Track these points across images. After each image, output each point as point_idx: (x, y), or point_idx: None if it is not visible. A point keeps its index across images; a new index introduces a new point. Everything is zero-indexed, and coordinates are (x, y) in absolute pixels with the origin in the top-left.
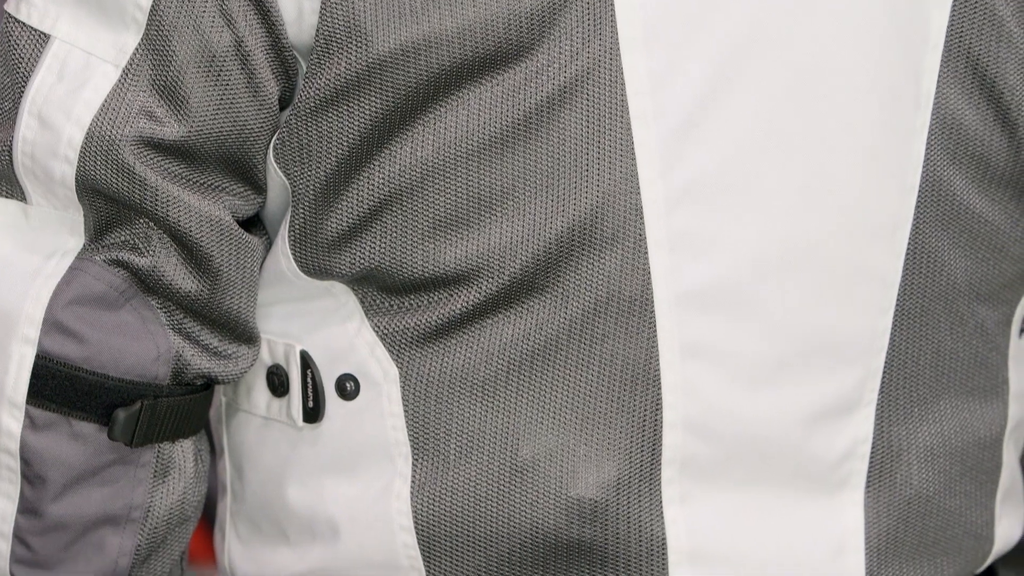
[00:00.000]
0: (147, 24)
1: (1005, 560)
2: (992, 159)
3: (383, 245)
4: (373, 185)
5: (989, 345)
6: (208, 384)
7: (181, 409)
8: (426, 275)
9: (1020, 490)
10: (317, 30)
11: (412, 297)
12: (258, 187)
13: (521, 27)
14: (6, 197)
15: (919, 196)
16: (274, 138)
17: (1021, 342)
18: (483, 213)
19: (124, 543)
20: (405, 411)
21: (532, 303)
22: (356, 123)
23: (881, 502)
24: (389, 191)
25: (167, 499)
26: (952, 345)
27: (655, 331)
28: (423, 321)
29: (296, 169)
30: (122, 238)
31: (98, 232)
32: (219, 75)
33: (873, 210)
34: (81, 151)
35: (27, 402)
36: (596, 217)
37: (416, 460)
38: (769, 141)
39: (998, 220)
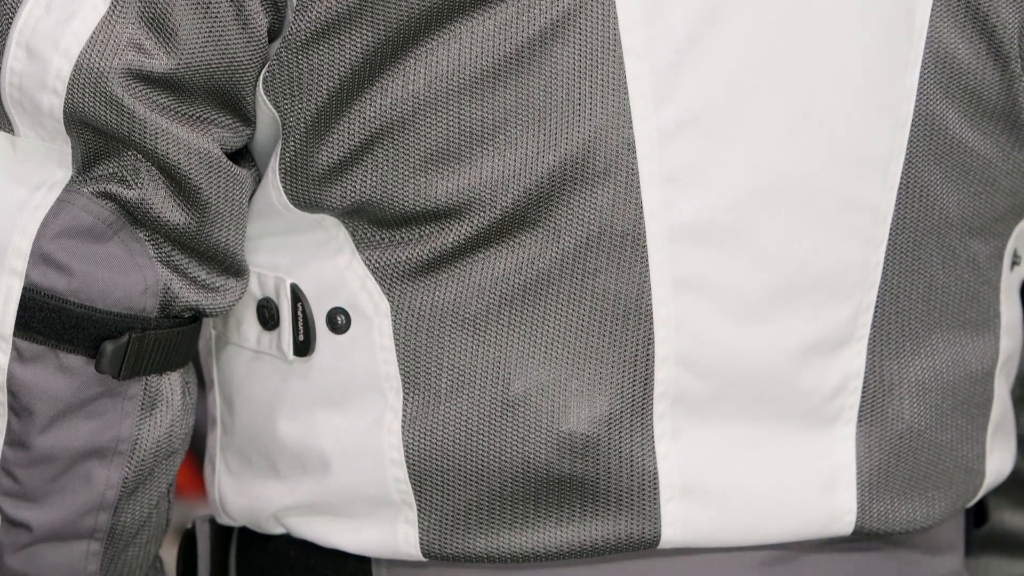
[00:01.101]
0: None
1: (996, 493)
2: (984, 93)
3: (374, 178)
4: (364, 118)
5: (981, 279)
6: (196, 317)
7: (169, 342)
8: (417, 209)
9: (1011, 423)
10: None
11: (403, 231)
12: (247, 119)
13: None
14: None
15: (912, 129)
16: (264, 71)
17: (1012, 276)
18: (475, 147)
19: (111, 476)
20: (396, 345)
21: (524, 237)
22: (347, 56)
23: (873, 437)
24: (380, 124)
25: (154, 432)
26: (944, 279)
27: (647, 266)
28: (414, 255)
29: (286, 102)
30: (110, 170)
31: (86, 164)
32: (208, 7)
33: (865, 143)
34: (69, 83)
35: (14, 334)
36: (588, 151)
37: (407, 394)
38: (761, 74)
39: (990, 154)
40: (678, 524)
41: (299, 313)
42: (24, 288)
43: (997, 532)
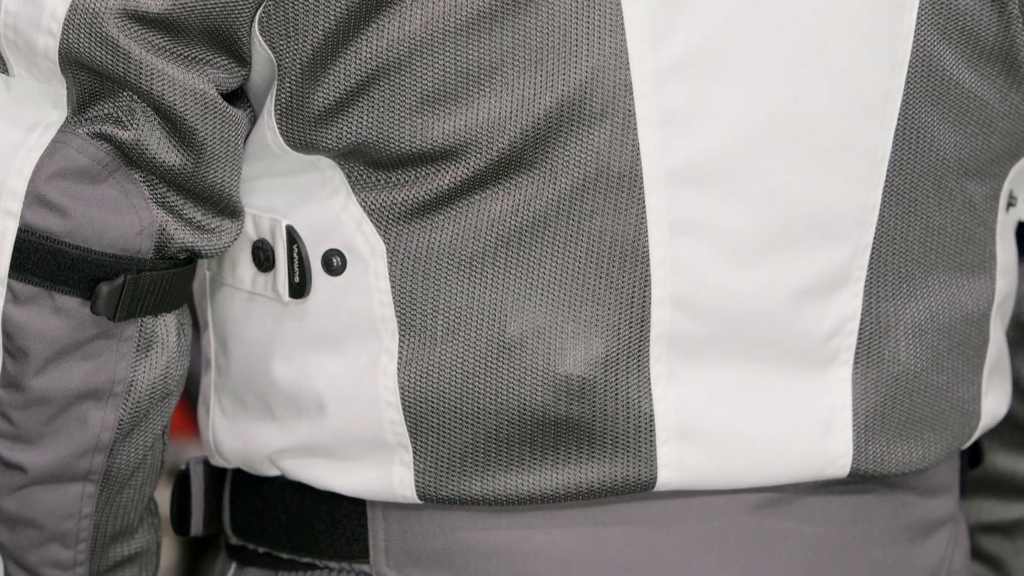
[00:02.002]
0: None
1: (990, 435)
2: (981, 34)
3: (370, 120)
4: (360, 59)
5: (977, 220)
6: (191, 258)
7: (164, 283)
8: (413, 150)
9: (1006, 365)
10: None
11: (399, 172)
12: (242, 60)
13: None
14: None
15: (909, 70)
16: (259, 11)
17: (1008, 217)
18: (471, 88)
19: (106, 417)
20: (392, 287)
21: (520, 179)
22: None
23: (869, 379)
24: (376, 65)
25: (150, 373)
26: (940, 221)
27: (644, 207)
28: (410, 196)
29: (282, 43)
30: (105, 111)
31: (81, 105)
32: None
33: (863, 84)
34: (64, 23)
35: (9, 276)
36: (585, 93)
37: (403, 336)
38: (759, 15)
39: (987, 95)
40: (674, 466)
41: (295, 255)
42: (19, 229)
43: (991, 474)
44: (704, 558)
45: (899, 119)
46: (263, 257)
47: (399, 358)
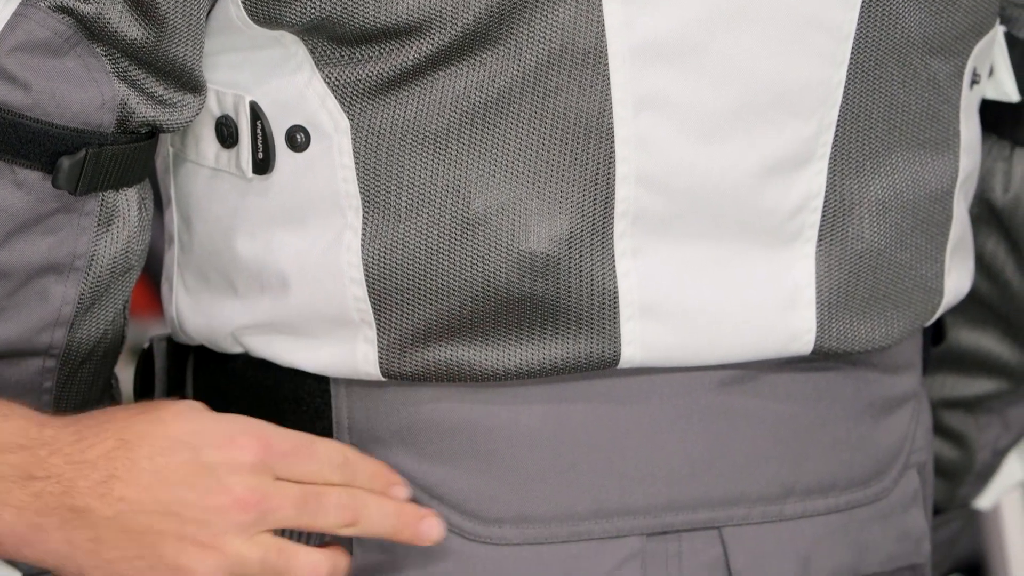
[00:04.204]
0: None
1: (953, 312)
2: None
3: None
4: None
5: (941, 98)
6: (153, 133)
7: (126, 157)
8: (377, 25)
9: (969, 243)
10: None
11: (363, 48)
12: None
13: None
14: None
15: None
16: None
17: (972, 94)
18: None
19: (67, 292)
20: (356, 163)
21: (485, 55)
22: None
23: (833, 256)
24: None
25: (111, 248)
26: (905, 98)
27: (608, 84)
28: (374, 72)
29: None
30: None
31: None
32: None
33: None
34: None
35: None
36: None
37: (367, 212)
38: None
39: None
40: (638, 343)
41: (258, 131)
42: None
43: (954, 351)
44: (667, 435)
45: None
46: (226, 133)
47: (363, 234)
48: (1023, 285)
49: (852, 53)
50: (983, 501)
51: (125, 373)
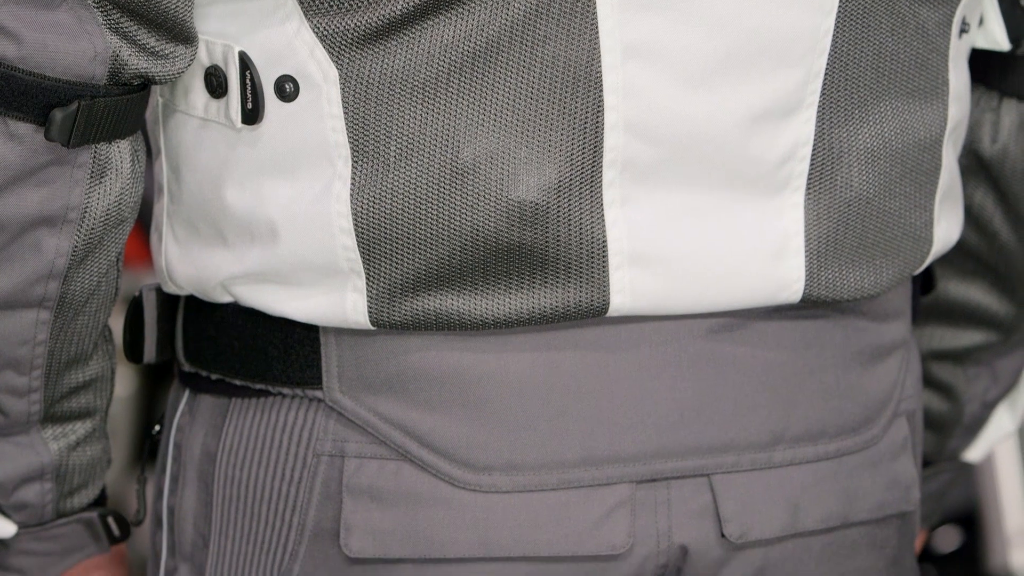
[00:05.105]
0: None
1: (942, 263)
2: None
3: None
4: None
5: (930, 46)
6: (145, 84)
7: (118, 109)
8: None
9: (959, 192)
10: None
11: None
12: None
13: None
14: None
15: None
16: None
17: (961, 43)
18: None
19: (61, 244)
20: (345, 113)
21: (473, 4)
22: None
23: (821, 205)
24: None
25: (104, 200)
26: (893, 46)
27: (597, 32)
28: (363, 22)
29: None
30: None
31: None
32: None
33: None
34: None
35: None
36: None
37: (356, 162)
38: None
39: None
40: (627, 292)
41: (247, 81)
42: None
43: (942, 303)
44: (656, 382)
45: None
46: (216, 83)
47: (352, 184)
48: (1011, 236)
49: (840, 1)
50: (972, 454)
51: (115, 323)
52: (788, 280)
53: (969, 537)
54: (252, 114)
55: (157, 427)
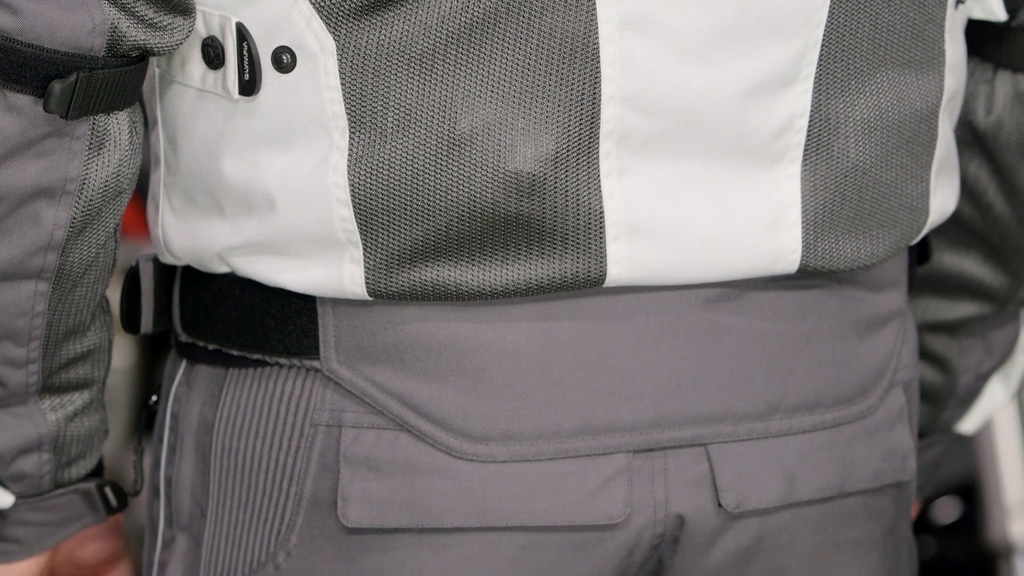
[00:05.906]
0: None
1: (937, 235)
2: None
3: None
4: None
5: (926, 17)
6: (143, 56)
7: (116, 81)
8: None
9: (955, 162)
10: None
11: None
12: None
13: None
14: None
15: None
16: None
17: (957, 14)
18: None
19: (59, 215)
20: (342, 84)
21: None
22: None
23: (818, 176)
24: None
25: (102, 171)
26: (889, 17)
27: (594, 4)
28: None
29: None
30: None
31: None
32: None
33: None
34: None
35: None
36: None
37: (353, 133)
38: None
39: None
40: (624, 262)
41: (244, 52)
42: None
43: (937, 274)
44: (654, 352)
45: None
46: (213, 54)
47: (349, 155)
48: (1005, 207)
49: None
50: (966, 425)
51: (112, 294)
52: (785, 251)
53: (968, 508)
54: (249, 85)
55: (154, 398)
